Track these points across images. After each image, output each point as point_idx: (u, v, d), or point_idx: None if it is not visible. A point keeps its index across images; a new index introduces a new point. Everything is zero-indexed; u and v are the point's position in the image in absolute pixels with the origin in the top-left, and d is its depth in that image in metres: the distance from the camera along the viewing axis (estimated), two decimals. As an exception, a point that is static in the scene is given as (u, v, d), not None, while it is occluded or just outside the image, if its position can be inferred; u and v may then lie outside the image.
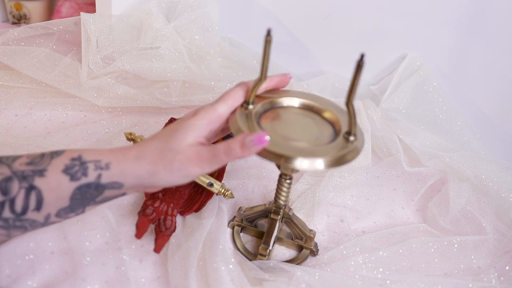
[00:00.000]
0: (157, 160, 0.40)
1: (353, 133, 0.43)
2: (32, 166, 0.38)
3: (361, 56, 0.39)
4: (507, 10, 0.66)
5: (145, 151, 0.40)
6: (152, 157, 0.40)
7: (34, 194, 0.38)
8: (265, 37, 0.41)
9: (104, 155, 0.40)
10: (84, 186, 0.39)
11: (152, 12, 0.80)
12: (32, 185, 0.38)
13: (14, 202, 0.37)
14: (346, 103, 0.42)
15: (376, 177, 0.68)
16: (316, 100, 0.48)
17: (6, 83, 0.71)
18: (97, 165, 0.39)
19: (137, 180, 0.40)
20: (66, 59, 0.72)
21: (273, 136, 0.42)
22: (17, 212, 0.38)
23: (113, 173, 0.39)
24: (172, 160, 0.40)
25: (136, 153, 0.40)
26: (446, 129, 0.75)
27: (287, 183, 0.50)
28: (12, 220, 0.38)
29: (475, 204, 0.63)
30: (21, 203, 0.38)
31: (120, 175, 0.40)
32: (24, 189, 0.38)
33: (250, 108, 0.45)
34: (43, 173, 0.38)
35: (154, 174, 0.40)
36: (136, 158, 0.40)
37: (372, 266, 0.52)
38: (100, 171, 0.39)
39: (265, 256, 0.51)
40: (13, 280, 0.44)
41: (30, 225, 0.39)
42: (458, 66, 0.74)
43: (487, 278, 0.52)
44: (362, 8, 0.76)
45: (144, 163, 0.40)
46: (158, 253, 0.48)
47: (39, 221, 0.39)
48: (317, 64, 0.85)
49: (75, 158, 0.39)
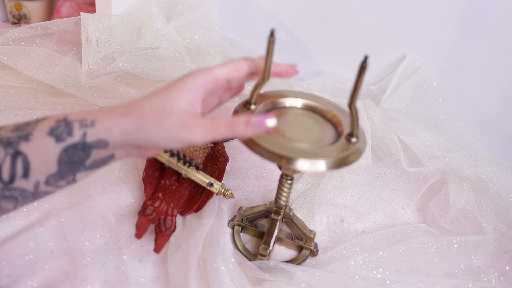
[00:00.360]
0: (146, 116, 0.38)
1: (355, 135, 0.43)
2: (18, 132, 0.37)
3: (365, 58, 0.38)
4: (507, 10, 0.66)
5: (133, 108, 0.38)
6: (141, 112, 0.38)
7: (20, 160, 0.36)
8: (268, 37, 0.40)
9: (90, 114, 0.38)
10: (70, 147, 0.37)
11: (152, 12, 0.80)
12: (18, 151, 0.36)
13: (0, 170, 0.36)
14: (348, 105, 0.42)
15: (376, 177, 0.68)
16: (319, 101, 0.48)
17: (6, 83, 0.71)
18: (82, 123, 0.37)
19: (123, 136, 0.38)
20: (66, 59, 0.73)
21: (275, 136, 0.42)
22: (5, 181, 0.37)
23: (98, 130, 0.37)
24: (163, 118, 0.37)
25: (124, 110, 0.38)
26: (446, 129, 0.75)
27: (288, 184, 0.50)
28: (1, 189, 0.37)
29: (475, 204, 0.63)
30: (8, 171, 0.36)
31: (105, 131, 0.37)
32: (10, 155, 0.36)
33: (252, 108, 0.45)
34: (28, 138, 0.37)
35: (140, 129, 0.37)
36: (123, 114, 0.38)
37: (372, 266, 0.52)
38: (85, 129, 0.37)
39: (265, 256, 0.51)
40: (13, 280, 0.44)
41: (20, 195, 0.38)
42: (458, 66, 0.74)
43: (487, 278, 0.52)
44: (362, 8, 0.76)
45: (131, 118, 0.38)
46: (158, 253, 0.48)
47: (28, 190, 0.38)
48: (317, 64, 0.85)
49: (60, 120, 0.38)
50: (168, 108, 0.38)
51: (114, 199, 0.56)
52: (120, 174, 0.59)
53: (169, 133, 0.38)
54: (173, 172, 0.58)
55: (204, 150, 0.61)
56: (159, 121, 0.37)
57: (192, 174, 0.56)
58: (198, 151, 0.60)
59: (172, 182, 0.57)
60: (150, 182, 0.56)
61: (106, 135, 0.38)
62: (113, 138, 0.38)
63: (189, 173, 0.56)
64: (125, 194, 0.57)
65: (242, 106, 0.46)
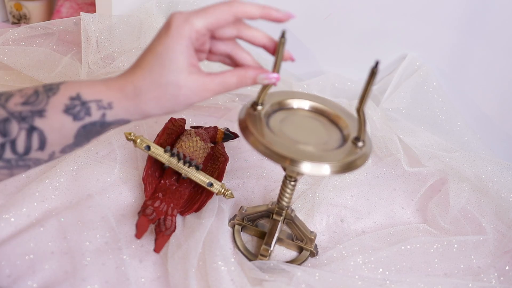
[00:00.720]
0: (161, 96, 0.39)
1: (362, 139, 0.43)
2: (29, 106, 0.37)
3: (376, 63, 0.38)
4: (507, 10, 0.66)
5: (141, 86, 0.38)
6: (153, 93, 0.38)
7: (37, 134, 0.37)
8: (279, 38, 0.41)
9: (104, 94, 0.38)
10: (89, 124, 0.38)
11: (152, 12, 0.80)
12: (33, 126, 0.37)
13: (15, 143, 0.37)
14: (357, 109, 0.42)
15: (376, 177, 0.68)
16: (326, 104, 0.48)
17: (6, 83, 0.71)
18: (99, 105, 0.38)
19: (142, 115, 0.40)
20: (66, 59, 0.73)
21: (281, 138, 0.42)
22: (20, 153, 0.37)
23: (117, 112, 0.39)
24: (176, 94, 0.39)
25: (133, 89, 0.38)
26: (446, 129, 0.75)
27: (291, 185, 0.50)
28: (14, 160, 0.37)
29: (475, 204, 0.63)
30: (23, 144, 0.37)
31: (125, 113, 0.39)
32: (25, 130, 0.36)
33: (259, 108, 0.45)
34: (43, 114, 0.37)
35: (159, 108, 0.39)
36: (135, 94, 0.38)
37: (372, 266, 0.52)
38: (103, 110, 0.38)
39: (266, 257, 0.51)
40: (13, 280, 0.44)
41: (34, 163, 0.39)
42: (458, 66, 0.74)
43: (487, 278, 0.52)
44: (362, 8, 0.76)
45: (145, 99, 0.39)
46: (158, 253, 0.48)
47: (43, 159, 0.39)
48: (317, 64, 0.85)
49: (74, 97, 0.38)
50: (174, 81, 0.38)
51: (114, 199, 0.56)
52: (120, 174, 0.59)
53: (186, 102, 0.39)
54: (173, 172, 0.57)
55: (204, 150, 0.61)
56: (173, 98, 0.39)
57: (192, 174, 0.56)
58: (198, 151, 0.60)
59: (172, 182, 0.57)
60: (150, 182, 0.56)
61: (126, 115, 0.39)
62: (134, 117, 0.40)
63: (189, 173, 0.56)
64: (125, 194, 0.57)
65: (249, 107, 0.45)
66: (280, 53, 0.41)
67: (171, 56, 0.38)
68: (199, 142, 0.60)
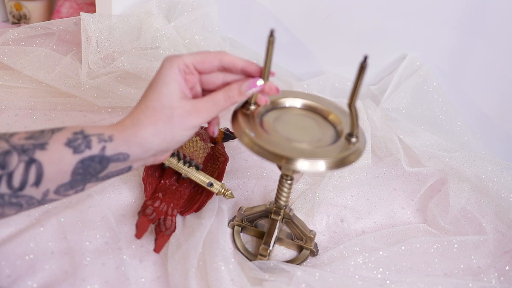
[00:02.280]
0: (156, 119, 0.40)
1: (355, 135, 0.43)
2: (32, 140, 0.37)
3: (364, 58, 0.38)
4: (507, 10, 0.66)
5: (138, 115, 0.40)
6: (149, 118, 0.40)
7: (35, 167, 0.37)
8: (268, 37, 0.41)
9: (105, 129, 0.40)
10: (88, 159, 0.38)
11: (152, 12, 0.80)
12: (33, 158, 0.37)
13: (12, 176, 0.36)
14: (348, 105, 0.42)
15: (376, 177, 0.68)
16: (318, 101, 0.48)
17: (6, 83, 0.71)
18: (100, 138, 0.39)
19: (142, 146, 0.40)
20: (66, 59, 0.73)
21: (275, 137, 0.42)
22: (15, 187, 0.37)
23: (117, 144, 0.39)
24: (171, 115, 0.40)
25: (131, 120, 0.40)
26: (446, 129, 0.75)
27: (288, 184, 0.50)
28: (8, 196, 0.37)
29: (475, 204, 0.63)
30: (20, 177, 0.36)
31: (124, 144, 0.39)
32: (24, 162, 0.36)
33: (252, 108, 0.45)
34: (44, 146, 0.37)
35: (156, 134, 0.40)
36: (133, 124, 0.40)
37: (372, 266, 0.52)
38: (104, 143, 0.39)
39: (265, 257, 0.51)
40: (13, 280, 0.44)
41: (26, 202, 0.38)
42: (458, 66, 0.74)
43: (487, 278, 0.52)
44: (362, 8, 0.76)
45: (143, 125, 0.40)
46: (158, 253, 0.48)
47: (36, 198, 0.38)
48: (317, 64, 0.85)
49: (77, 132, 0.39)
50: (168, 104, 0.40)
51: (114, 199, 0.56)
52: (120, 174, 0.59)
53: (180, 126, 0.41)
54: (173, 172, 0.58)
55: (204, 150, 0.61)
56: (168, 119, 0.40)
57: (192, 174, 0.56)
58: (198, 151, 0.60)
59: (172, 182, 0.57)
60: (150, 182, 0.56)
61: (125, 148, 0.40)
62: (133, 150, 0.40)
63: (189, 173, 0.56)
64: (125, 194, 0.57)
65: (242, 107, 0.46)
66: (270, 53, 0.42)
67: (164, 81, 0.41)
68: (199, 142, 0.60)
